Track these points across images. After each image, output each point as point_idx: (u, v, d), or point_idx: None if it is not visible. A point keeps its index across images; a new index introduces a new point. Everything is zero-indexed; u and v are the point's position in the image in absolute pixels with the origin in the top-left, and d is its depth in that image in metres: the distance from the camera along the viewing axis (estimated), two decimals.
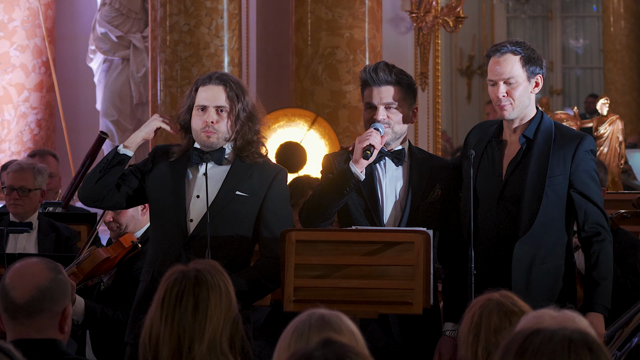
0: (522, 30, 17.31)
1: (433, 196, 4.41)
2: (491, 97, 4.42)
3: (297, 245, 4.04)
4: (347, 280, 4.03)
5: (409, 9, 9.19)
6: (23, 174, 5.77)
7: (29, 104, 9.70)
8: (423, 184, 4.41)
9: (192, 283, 2.91)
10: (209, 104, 4.29)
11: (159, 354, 2.88)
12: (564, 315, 2.62)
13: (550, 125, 4.36)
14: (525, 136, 4.34)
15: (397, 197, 4.42)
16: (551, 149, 4.30)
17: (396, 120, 4.40)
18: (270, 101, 9.02)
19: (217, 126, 4.28)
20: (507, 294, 2.95)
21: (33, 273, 3.08)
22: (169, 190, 4.33)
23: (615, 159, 8.49)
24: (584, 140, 4.34)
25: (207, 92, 4.30)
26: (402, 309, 4.04)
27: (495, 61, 4.34)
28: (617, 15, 14.69)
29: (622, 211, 5.42)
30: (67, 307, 3.13)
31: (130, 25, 9.72)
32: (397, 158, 4.43)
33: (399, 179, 4.44)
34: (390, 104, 4.39)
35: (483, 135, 4.46)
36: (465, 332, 2.86)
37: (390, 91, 4.40)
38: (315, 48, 7.98)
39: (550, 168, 4.28)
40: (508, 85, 4.30)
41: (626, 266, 5.24)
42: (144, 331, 2.93)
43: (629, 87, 14.65)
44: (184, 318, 2.88)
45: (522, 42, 4.38)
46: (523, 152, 4.33)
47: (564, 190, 4.30)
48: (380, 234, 4.11)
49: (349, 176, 4.26)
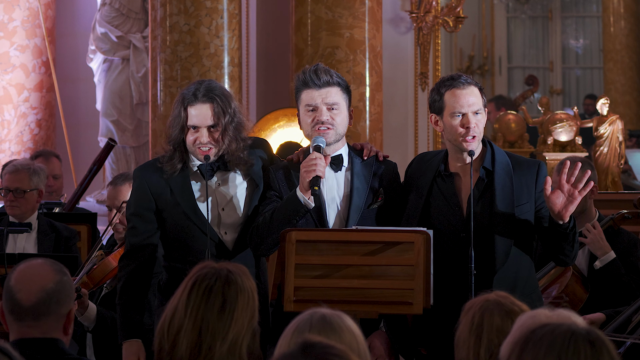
0: (522, 30, 17.31)
1: (377, 202, 4.34)
2: (453, 130, 4.26)
3: (297, 245, 4.04)
4: (347, 280, 4.03)
5: (409, 9, 9.19)
6: (18, 175, 5.76)
7: (29, 104, 9.70)
8: (365, 189, 4.34)
9: (223, 282, 2.89)
10: (200, 124, 4.34)
11: (177, 344, 2.85)
12: (559, 314, 2.61)
13: (504, 155, 4.34)
14: (485, 168, 4.29)
15: (339, 205, 4.33)
16: (512, 179, 4.27)
17: (339, 121, 4.34)
18: (270, 101, 9.03)
19: (213, 142, 4.35)
20: (503, 294, 2.94)
21: (39, 275, 3.08)
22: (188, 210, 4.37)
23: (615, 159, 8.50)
24: (542, 166, 4.34)
25: (197, 111, 4.35)
26: (402, 309, 4.04)
27: (461, 94, 4.25)
28: (617, 15, 14.69)
29: (624, 211, 5.42)
30: (72, 309, 3.13)
31: (130, 25, 9.71)
32: (335, 164, 4.35)
33: (340, 186, 4.35)
34: (333, 105, 4.33)
35: (426, 168, 4.39)
36: (465, 334, 2.84)
37: (331, 92, 4.34)
38: (315, 48, 7.97)
39: (517, 198, 4.25)
40: (475, 117, 4.26)
41: (628, 265, 5.25)
42: (164, 318, 2.90)
43: (629, 87, 14.65)
44: (209, 314, 2.85)
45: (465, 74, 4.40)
46: (485, 185, 4.29)
47: (532, 217, 4.27)
48: (380, 234, 4.09)
49: (298, 205, 4.18)
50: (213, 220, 4.37)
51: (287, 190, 4.33)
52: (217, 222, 4.38)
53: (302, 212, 4.20)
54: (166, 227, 4.41)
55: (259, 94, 9.27)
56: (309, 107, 4.34)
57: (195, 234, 4.35)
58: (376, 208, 4.34)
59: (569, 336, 2.17)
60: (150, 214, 4.41)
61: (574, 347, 2.15)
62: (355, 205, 4.31)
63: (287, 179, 4.37)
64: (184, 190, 4.38)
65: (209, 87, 4.39)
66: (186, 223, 4.36)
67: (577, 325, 2.20)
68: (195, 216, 4.35)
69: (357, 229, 4.19)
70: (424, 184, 4.34)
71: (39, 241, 5.71)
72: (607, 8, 14.91)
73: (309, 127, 4.34)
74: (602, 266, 5.20)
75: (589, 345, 2.16)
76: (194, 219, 4.35)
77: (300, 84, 4.38)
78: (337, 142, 4.36)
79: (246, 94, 9.08)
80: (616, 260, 5.19)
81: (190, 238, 4.36)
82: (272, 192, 4.38)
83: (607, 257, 5.19)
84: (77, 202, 6.93)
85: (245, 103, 8.95)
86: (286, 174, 4.38)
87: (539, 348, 2.16)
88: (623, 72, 14.67)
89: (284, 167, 4.42)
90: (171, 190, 4.38)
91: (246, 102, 9.04)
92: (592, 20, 17.24)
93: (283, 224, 4.17)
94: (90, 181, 6.87)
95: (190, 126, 4.35)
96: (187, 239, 4.36)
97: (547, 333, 2.18)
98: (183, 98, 4.39)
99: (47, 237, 5.72)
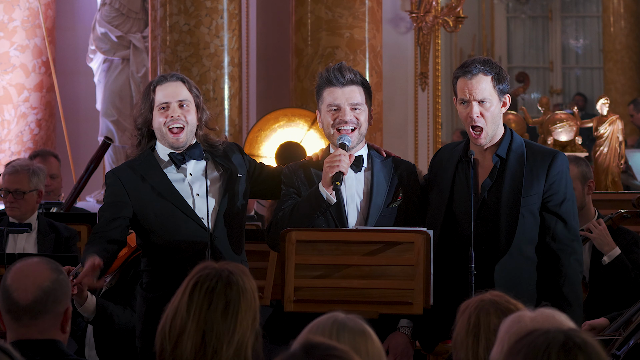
0: (522, 30, 17.32)
1: (396, 200, 4.32)
2: (462, 116, 4.30)
3: (297, 245, 4.04)
4: (347, 280, 4.03)
5: (409, 9, 9.19)
6: (17, 176, 5.76)
7: (29, 104, 9.70)
8: (385, 189, 4.33)
9: (224, 283, 2.86)
10: (170, 100, 4.32)
11: (179, 345, 2.84)
12: (542, 313, 2.61)
13: (522, 144, 4.31)
14: (499, 155, 4.28)
15: (359, 204, 4.31)
16: (524, 169, 4.25)
17: (362, 121, 4.31)
18: (270, 101, 9.03)
19: (184, 119, 4.31)
20: (498, 293, 2.94)
21: (35, 274, 3.07)
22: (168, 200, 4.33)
23: (615, 159, 8.50)
24: (557, 157, 4.29)
25: (166, 90, 4.33)
26: (402, 309, 4.04)
27: (467, 82, 4.24)
28: (617, 15, 14.69)
29: (622, 211, 5.42)
30: (69, 307, 3.13)
31: (130, 25, 9.72)
32: (356, 165, 4.32)
33: (360, 186, 4.33)
34: (357, 105, 4.30)
35: (450, 156, 4.39)
36: (462, 334, 2.84)
37: (355, 92, 4.30)
38: (315, 48, 7.98)
39: (525, 188, 4.23)
40: (481, 106, 4.24)
41: (630, 262, 5.25)
42: (165, 319, 2.87)
43: (629, 87, 14.65)
44: (213, 316, 2.83)
45: (489, 60, 4.31)
46: (497, 172, 4.28)
47: (539, 209, 4.26)
48: (380, 234, 4.10)
49: (320, 200, 4.17)
50: (190, 207, 4.33)
51: (306, 188, 4.31)
52: (193, 207, 4.33)
53: (324, 207, 4.18)
54: (150, 222, 4.35)
55: (259, 94, 9.27)
56: (332, 107, 4.30)
57: (176, 214, 4.31)
58: (396, 207, 4.32)
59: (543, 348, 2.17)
60: (120, 205, 4.34)
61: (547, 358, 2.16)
62: (376, 204, 4.29)
63: (307, 178, 4.34)
64: (157, 175, 4.34)
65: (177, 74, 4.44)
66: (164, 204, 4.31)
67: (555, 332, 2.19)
68: (172, 195, 4.31)
69: (357, 229, 4.19)
70: (449, 169, 4.33)
71: (39, 241, 5.71)
72: (607, 8, 14.92)
73: (330, 126, 4.31)
74: (609, 262, 5.20)
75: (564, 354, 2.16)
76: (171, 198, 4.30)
77: (324, 81, 4.33)
78: (359, 143, 4.34)
79: (246, 94, 9.08)
80: (622, 256, 5.19)
81: (171, 219, 4.31)
82: (290, 189, 4.35)
83: (613, 252, 5.19)
84: (75, 202, 6.93)
85: (245, 103, 8.96)
86: (306, 173, 4.35)
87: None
88: (623, 72, 14.68)
89: (303, 166, 4.38)
90: (142, 178, 4.34)
91: (246, 102, 9.04)
92: (592, 20, 17.25)
93: (304, 219, 4.17)
94: (87, 180, 6.86)
95: (160, 104, 4.31)
96: (168, 221, 4.31)
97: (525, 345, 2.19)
98: (150, 83, 4.40)
99: (47, 237, 5.72)
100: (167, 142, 4.34)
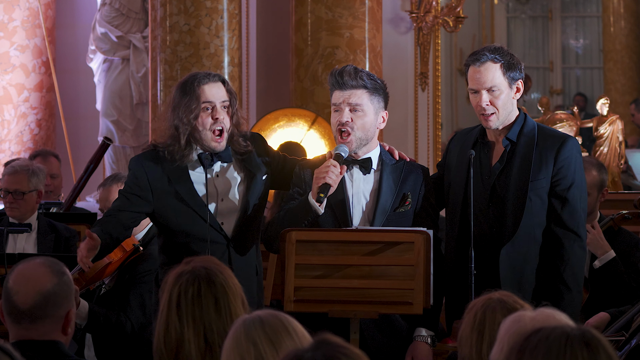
0: (522, 30, 17.31)
1: (404, 205, 4.31)
2: (473, 105, 4.32)
3: (297, 245, 4.03)
4: (347, 280, 4.03)
5: (409, 9, 9.19)
6: (17, 177, 5.76)
7: (29, 104, 9.70)
8: (393, 193, 4.31)
9: (206, 282, 2.87)
10: (215, 100, 4.30)
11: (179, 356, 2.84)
12: (542, 313, 2.61)
13: (533, 128, 4.31)
14: (509, 139, 4.30)
15: (365, 207, 4.30)
16: (533, 153, 4.26)
17: (359, 124, 4.27)
18: (270, 101, 9.02)
19: (226, 121, 4.31)
20: (506, 293, 2.95)
21: (37, 277, 3.05)
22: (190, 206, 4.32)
23: (615, 159, 8.49)
24: (567, 141, 4.30)
25: (212, 89, 4.31)
26: (402, 309, 4.04)
27: (476, 70, 4.26)
28: (617, 15, 14.69)
29: (624, 212, 5.41)
30: (71, 310, 3.10)
31: (130, 25, 9.71)
32: (364, 167, 4.31)
33: (368, 189, 4.32)
34: (356, 106, 4.27)
35: (466, 140, 4.42)
36: (467, 331, 2.85)
37: (356, 94, 4.28)
38: (315, 48, 7.97)
39: (533, 172, 4.24)
40: (491, 94, 4.25)
41: (629, 266, 5.24)
42: (157, 337, 2.87)
43: (629, 87, 14.65)
44: (208, 316, 2.84)
45: (500, 47, 4.32)
46: (507, 155, 4.29)
47: (546, 194, 4.26)
48: (380, 234, 4.09)
49: (308, 209, 4.16)
50: (212, 210, 4.33)
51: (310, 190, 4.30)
52: (216, 212, 4.34)
53: (311, 217, 4.17)
54: (168, 217, 4.36)
55: (259, 94, 9.26)
56: (335, 108, 4.32)
57: (196, 221, 4.30)
58: (403, 212, 4.30)
59: (564, 341, 2.16)
60: (136, 198, 4.34)
61: (570, 351, 2.15)
62: (382, 208, 4.28)
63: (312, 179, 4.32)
64: (183, 179, 4.33)
65: (217, 73, 4.42)
66: (186, 210, 4.31)
67: (570, 327, 2.20)
68: (195, 203, 4.31)
69: (357, 229, 4.19)
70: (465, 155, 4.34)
71: (38, 241, 5.71)
72: (607, 8, 14.91)
73: (334, 128, 4.31)
74: (601, 265, 5.20)
75: (585, 347, 2.16)
76: (194, 206, 4.31)
77: (330, 85, 4.36)
78: (366, 145, 4.31)
79: (246, 94, 9.08)
80: (616, 259, 5.18)
81: (191, 225, 4.31)
82: (295, 189, 4.36)
83: (606, 256, 5.19)
84: (75, 202, 6.94)
85: (245, 103, 8.95)
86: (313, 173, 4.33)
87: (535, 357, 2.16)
88: (623, 72, 14.67)
89: (313, 166, 4.36)
90: (169, 179, 4.33)
91: (246, 102, 9.04)
92: (592, 20, 17.24)
93: (293, 225, 4.15)
94: (87, 180, 6.86)
95: (206, 103, 4.29)
96: (188, 227, 4.31)
97: (542, 339, 2.18)
98: (192, 81, 4.31)
99: (47, 237, 5.72)
100: (207, 144, 4.32)
